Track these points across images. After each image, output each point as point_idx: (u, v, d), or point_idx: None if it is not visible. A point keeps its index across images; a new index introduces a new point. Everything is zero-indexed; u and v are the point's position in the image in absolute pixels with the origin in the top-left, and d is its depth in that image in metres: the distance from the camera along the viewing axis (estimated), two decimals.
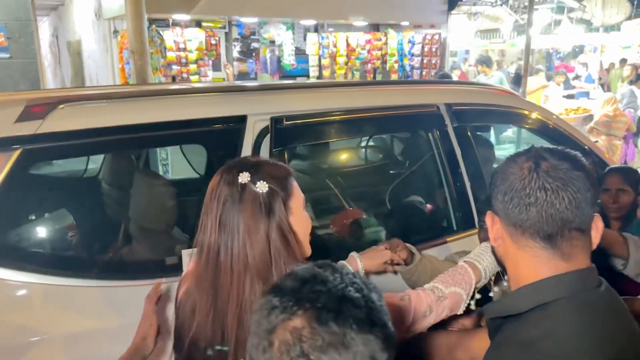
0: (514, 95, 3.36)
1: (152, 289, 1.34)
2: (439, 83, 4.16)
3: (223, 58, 7.10)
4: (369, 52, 8.10)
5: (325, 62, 7.82)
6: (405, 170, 3.24)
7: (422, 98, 2.59)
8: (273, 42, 7.46)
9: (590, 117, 7.23)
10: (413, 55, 8.41)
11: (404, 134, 3.40)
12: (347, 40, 7.90)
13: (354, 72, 8.05)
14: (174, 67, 6.60)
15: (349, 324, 0.57)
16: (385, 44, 8.20)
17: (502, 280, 1.51)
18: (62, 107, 1.60)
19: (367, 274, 1.58)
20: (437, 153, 2.49)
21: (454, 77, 8.73)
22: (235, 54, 7.12)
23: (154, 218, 2.22)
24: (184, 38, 6.61)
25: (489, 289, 1.53)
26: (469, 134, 2.71)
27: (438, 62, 8.58)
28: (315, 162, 3.53)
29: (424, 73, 8.52)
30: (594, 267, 0.89)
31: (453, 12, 8.24)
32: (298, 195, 1.16)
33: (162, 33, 6.38)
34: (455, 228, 2.45)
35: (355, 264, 1.55)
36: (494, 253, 1.01)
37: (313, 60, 7.74)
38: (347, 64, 7.96)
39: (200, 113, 1.91)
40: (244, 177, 1.07)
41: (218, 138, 2.02)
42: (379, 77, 8.33)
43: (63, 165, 2.88)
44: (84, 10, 6.75)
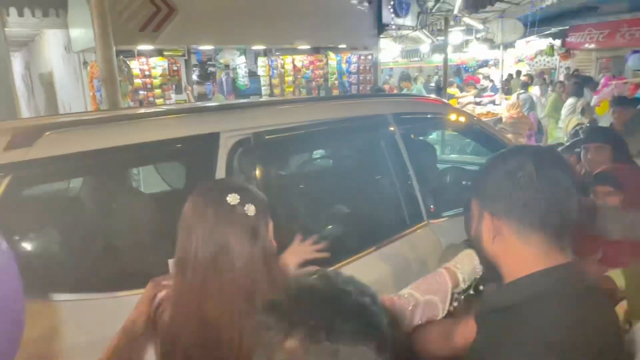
0: (446, 104, 3.52)
1: (159, 278, 1.28)
2: (387, 96, 4.22)
3: (184, 82, 7.17)
4: (313, 71, 8.45)
5: (275, 81, 8.10)
6: (364, 172, 3.20)
7: (373, 109, 2.64)
8: (228, 66, 7.65)
9: (500, 119, 7.63)
10: (350, 73, 8.86)
11: (361, 141, 3.21)
12: (293, 62, 8.24)
13: (301, 89, 8.32)
14: (141, 92, 6.73)
15: (342, 340, 0.57)
16: (326, 64, 8.55)
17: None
18: (48, 134, 1.54)
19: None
20: (388, 155, 2.53)
21: (385, 90, 9.20)
22: (195, 78, 7.23)
23: (136, 230, 2.09)
24: (149, 66, 6.78)
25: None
26: (414, 139, 2.89)
27: (372, 78, 8.99)
28: (288, 167, 3.52)
29: (360, 88, 8.92)
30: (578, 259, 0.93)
31: (382, 36, 8.70)
32: (270, 221, 1.14)
33: (128, 62, 6.53)
34: (406, 211, 2.47)
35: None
36: (483, 251, 0.97)
37: (264, 81, 8.01)
38: (294, 83, 8.26)
39: (177, 132, 1.86)
40: (234, 198, 1.05)
41: (194, 154, 1.93)
42: (322, 93, 8.49)
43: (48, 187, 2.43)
44: (55, 45, 6.76)
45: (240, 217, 1.04)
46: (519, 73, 11.21)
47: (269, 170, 3.20)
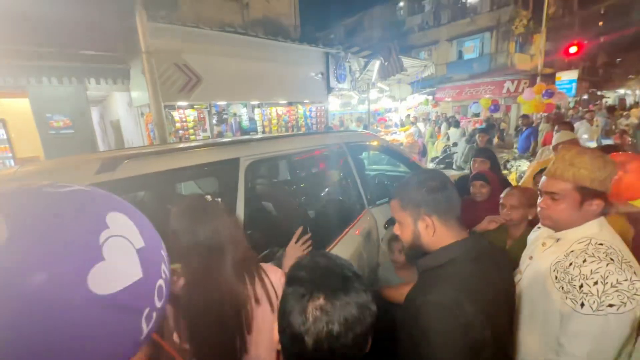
0: (374, 135, 3.45)
1: None
2: (342, 132, 4.07)
3: (207, 125, 7.01)
4: (289, 117, 8.34)
5: (266, 123, 7.93)
6: (329, 181, 3.17)
7: (334, 140, 2.55)
8: (235, 114, 7.45)
9: (401, 144, 7.76)
10: (311, 118, 8.79)
11: (327, 161, 3.22)
12: (276, 111, 8.10)
13: (281, 128, 8.19)
14: (180, 132, 6.49)
15: (352, 292, 0.56)
16: (297, 113, 8.49)
17: None
18: (126, 162, 1.49)
19: None
20: (344, 169, 2.50)
21: (333, 128, 9.31)
22: (214, 122, 7.09)
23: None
24: (185, 115, 6.57)
25: None
26: (357, 157, 2.82)
27: (324, 120, 9.07)
28: (281, 176, 3.45)
29: (318, 127, 8.89)
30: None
31: (330, 94, 8.80)
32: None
33: (172, 113, 6.33)
34: (357, 207, 2.43)
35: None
36: (418, 243, 0.89)
37: (259, 123, 7.83)
38: (277, 124, 8.12)
39: (212, 158, 1.80)
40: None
41: (225, 171, 1.83)
42: (295, 130, 8.40)
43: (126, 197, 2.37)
44: (120, 102, 6.49)
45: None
46: (408, 116, 11.64)
47: (270, 179, 3.32)
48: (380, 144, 2.94)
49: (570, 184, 0.97)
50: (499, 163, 2.73)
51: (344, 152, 2.47)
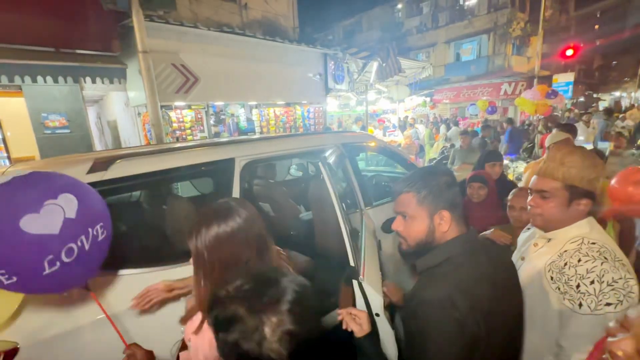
0: (371, 135, 3.51)
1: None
2: (338, 132, 4.04)
3: (204, 125, 6.94)
4: (287, 118, 8.28)
5: (264, 124, 7.89)
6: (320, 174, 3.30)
7: (331, 140, 2.48)
8: (233, 114, 7.41)
9: (399, 145, 7.97)
10: (309, 119, 8.74)
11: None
12: (274, 112, 8.05)
13: (279, 129, 8.15)
14: (177, 132, 6.45)
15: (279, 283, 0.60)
16: (295, 113, 8.44)
17: None
18: (118, 161, 1.47)
19: None
20: (340, 170, 2.43)
21: (331, 129, 9.43)
22: (212, 122, 7.04)
23: (176, 220, 2.01)
24: (182, 115, 6.52)
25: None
26: (354, 158, 2.66)
27: (322, 121, 9.02)
28: (278, 177, 3.51)
29: (315, 128, 8.84)
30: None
31: (328, 95, 8.79)
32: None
33: (169, 113, 6.30)
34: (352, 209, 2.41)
35: None
36: (431, 239, 0.87)
37: (257, 124, 7.77)
38: (275, 125, 8.08)
39: (207, 158, 1.75)
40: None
41: (220, 171, 1.79)
42: (292, 131, 8.34)
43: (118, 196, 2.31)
44: (117, 102, 6.42)
45: None
46: (407, 117, 11.62)
47: (267, 179, 3.30)
48: (377, 145, 2.92)
49: (560, 183, 0.98)
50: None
51: (341, 152, 2.39)
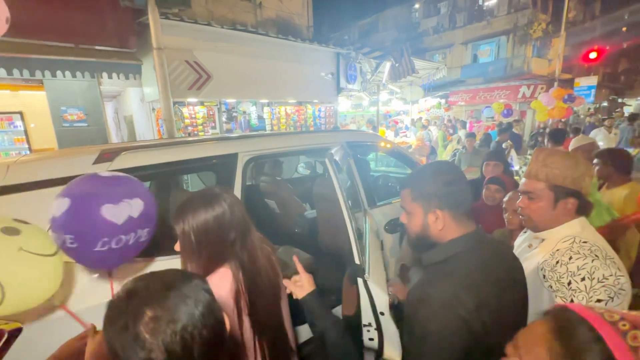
0: (378, 135, 3.43)
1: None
2: (343, 131, 4.01)
3: (216, 122, 7.01)
4: (298, 116, 8.28)
5: (274, 122, 7.91)
6: (325, 173, 3.09)
7: (334, 139, 2.44)
8: (245, 112, 7.47)
9: (410, 146, 7.87)
10: (320, 118, 8.73)
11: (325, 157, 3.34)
12: (285, 110, 8.05)
13: (290, 128, 8.16)
14: (189, 128, 6.52)
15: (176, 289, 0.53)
16: (306, 112, 8.44)
17: None
18: (124, 153, 1.51)
19: None
20: (345, 166, 2.42)
21: (339, 128, 9.45)
22: (224, 119, 7.11)
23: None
24: (194, 112, 6.59)
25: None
26: (358, 157, 2.62)
27: (333, 121, 9.01)
28: (282, 174, 3.48)
29: (327, 128, 8.76)
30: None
31: (339, 95, 8.74)
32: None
33: (181, 109, 6.38)
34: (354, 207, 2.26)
35: None
36: (427, 236, 0.86)
37: (268, 122, 7.81)
38: (286, 123, 8.09)
39: (210, 152, 1.77)
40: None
41: (222, 166, 1.79)
42: (304, 130, 8.33)
43: None
44: (134, 97, 6.56)
45: None
46: (420, 119, 11.47)
47: (273, 177, 3.29)
48: (384, 145, 2.88)
49: (544, 183, 1.01)
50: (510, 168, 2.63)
51: (345, 151, 2.38)
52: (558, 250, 0.99)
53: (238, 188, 1.78)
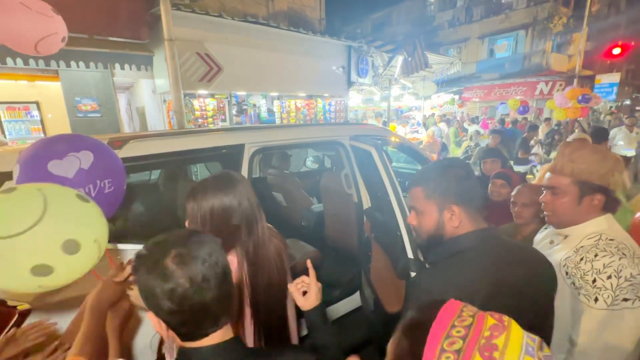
0: (387, 129, 3.23)
1: None
2: (349, 124, 4.04)
3: (226, 114, 7.07)
4: (308, 110, 8.27)
5: (284, 115, 7.92)
6: (334, 167, 3.17)
7: (340, 132, 2.36)
8: (255, 105, 7.49)
9: (421, 142, 7.70)
10: (331, 112, 8.70)
11: (331, 150, 3.20)
12: (295, 104, 8.05)
13: (300, 121, 8.13)
14: (200, 120, 6.58)
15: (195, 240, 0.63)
16: (316, 106, 8.42)
17: None
18: (132, 142, 1.53)
19: None
20: (346, 158, 2.34)
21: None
22: (234, 112, 7.16)
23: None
24: (205, 104, 6.65)
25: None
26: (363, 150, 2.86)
27: (343, 116, 8.93)
28: (290, 167, 3.49)
29: (336, 121, 8.83)
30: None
31: (350, 89, 8.64)
32: None
33: (192, 101, 6.43)
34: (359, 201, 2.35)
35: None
36: (440, 233, 0.84)
37: (277, 115, 7.82)
38: (296, 117, 8.09)
39: (216, 142, 1.78)
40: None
41: (229, 156, 1.80)
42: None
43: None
44: (146, 89, 6.64)
45: None
46: (433, 115, 11.28)
47: (280, 170, 3.26)
48: (393, 140, 2.84)
49: (569, 179, 0.98)
50: (510, 165, 2.56)
51: (347, 145, 2.37)
52: (582, 247, 0.96)
53: None
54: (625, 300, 0.84)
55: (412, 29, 17.21)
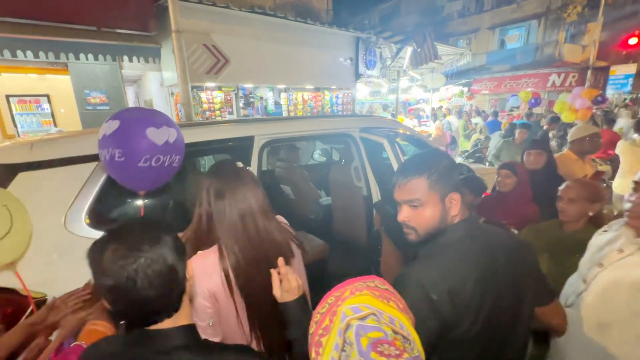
0: (396, 121, 3.29)
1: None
2: (357, 116, 3.91)
3: (233, 107, 7.02)
4: (315, 103, 8.20)
5: (291, 108, 7.85)
6: (343, 159, 3.15)
7: (349, 124, 2.39)
8: (262, 97, 7.45)
9: (429, 135, 7.63)
10: (338, 105, 8.60)
11: (340, 143, 3.22)
12: (302, 96, 7.98)
13: (307, 114, 7.99)
14: (207, 112, 6.56)
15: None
16: (323, 98, 8.33)
17: None
18: None
19: None
20: (356, 150, 2.35)
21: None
22: (241, 105, 7.12)
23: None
24: (212, 96, 6.62)
25: None
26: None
27: (351, 108, 8.81)
28: (299, 160, 3.50)
29: (344, 114, 8.85)
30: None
31: (358, 81, 8.53)
32: None
33: (199, 93, 6.41)
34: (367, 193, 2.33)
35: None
36: (444, 221, 0.84)
37: (285, 108, 7.77)
38: (303, 110, 8.02)
39: (226, 134, 1.77)
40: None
41: (239, 148, 1.78)
42: None
43: None
44: (153, 81, 6.65)
45: None
46: (441, 107, 11.11)
47: (289, 162, 3.24)
48: (403, 132, 2.81)
49: None
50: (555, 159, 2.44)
51: (356, 137, 2.37)
52: None
53: (254, 171, 1.77)
54: None
55: (420, 20, 16.86)
